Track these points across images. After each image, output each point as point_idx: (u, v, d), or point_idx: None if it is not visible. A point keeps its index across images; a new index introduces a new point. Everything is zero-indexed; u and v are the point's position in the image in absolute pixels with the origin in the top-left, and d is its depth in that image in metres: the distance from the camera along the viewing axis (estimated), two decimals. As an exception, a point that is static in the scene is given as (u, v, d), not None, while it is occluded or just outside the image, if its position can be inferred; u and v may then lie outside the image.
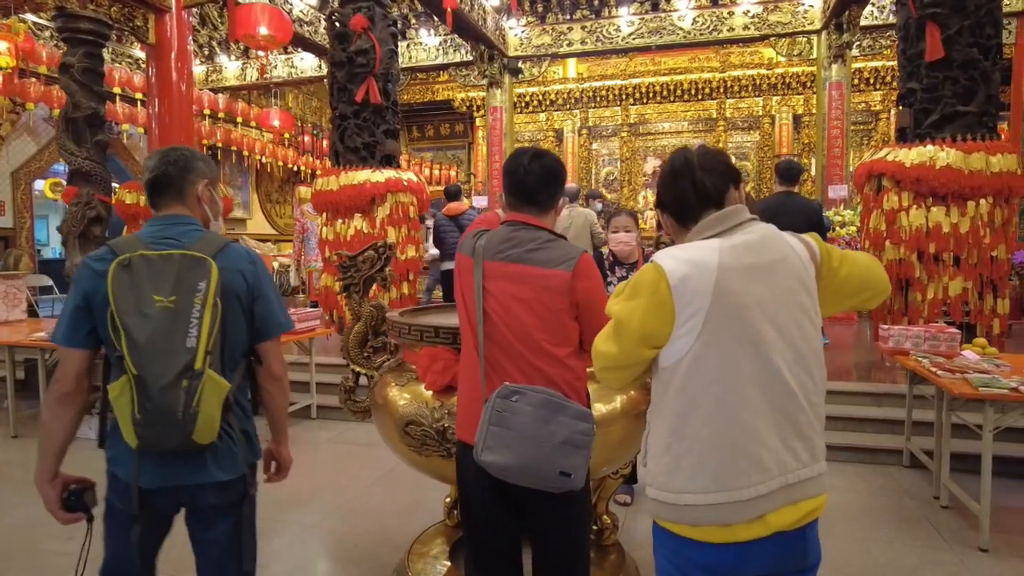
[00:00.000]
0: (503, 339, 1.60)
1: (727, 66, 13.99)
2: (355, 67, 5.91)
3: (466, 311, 1.70)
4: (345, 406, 2.74)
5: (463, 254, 1.73)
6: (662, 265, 1.20)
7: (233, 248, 1.60)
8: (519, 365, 1.59)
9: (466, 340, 1.72)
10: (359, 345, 2.69)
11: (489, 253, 1.65)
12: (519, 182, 1.69)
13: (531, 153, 1.70)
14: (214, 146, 11.80)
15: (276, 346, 1.68)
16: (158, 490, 1.52)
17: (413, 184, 6.03)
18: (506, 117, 10.50)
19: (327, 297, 6.00)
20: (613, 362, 1.29)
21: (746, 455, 1.17)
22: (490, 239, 1.68)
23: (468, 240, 1.75)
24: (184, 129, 7.26)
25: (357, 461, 4.07)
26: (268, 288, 1.64)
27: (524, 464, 1.47)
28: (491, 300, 1.62)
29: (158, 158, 1.62)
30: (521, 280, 1.61)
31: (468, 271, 1.69)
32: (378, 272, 2.67)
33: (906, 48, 4.87)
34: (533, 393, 1.51)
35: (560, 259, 1.60)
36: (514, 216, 1.71)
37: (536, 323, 1.59)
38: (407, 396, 2.15)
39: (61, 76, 5.97)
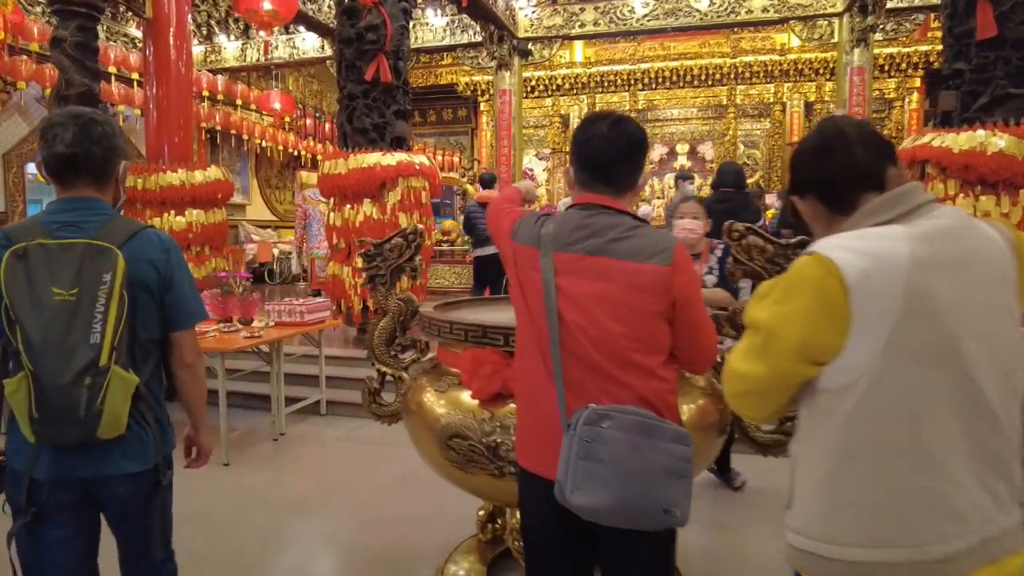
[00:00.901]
0: (581, 348, 1.33)
1: (738, 52, 13.67)
2: (364, 44, 5.58)
3: (528, 312, 1.42)
4: (369, 409, 2.49)
5: (522, 243, 1.45)
6: (831, 257, 0.93)
7: (145, 235, 1.51)
8: (601, 380, 1.32)
9: (526, 346, 1.45)
10: (385, 342, 2.42)
11: (560, 243, 1.38)
12: (594, 154, 1.41)
13: (610, 119, 1.41)
14: (213, 129, 11.45)
15: (189, 335, 1.62)
16: (56, 481, 1.45)
17: (425, 168, 5.73)
18: (515, 100, 10.17)
19: (335, 286, 5.72)
20: (759, 384, 1.03)
21: (939, 500, 0.91)
22: (560, 226, 1.41)
23: (527, 226, 1.47)
24: (183, 111, 6.94)
25: (371, 462, 3.82)
26: (182, 277, 1.57)
27: (624, 504, 1.21)
28: (565, 301, 1.35)
29: (75, 131, 1.45)
30: (603, 276, 1.34)
31: (531, 264, 1.41)
32: (407, 261, 2.40)
33: (953, 26, 4.58)
34: (624, 415, 1.25)
35: (652, 250, 1.33)
36: (588, 197, 1.43)
37: (623, 329, 1.32)
38: (447, 404, 1.89)
39: (52, 51, 5.63)
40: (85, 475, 1.46)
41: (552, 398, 1.36)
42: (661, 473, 1.21)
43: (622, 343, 1.32)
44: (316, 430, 4.46)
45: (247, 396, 4.94)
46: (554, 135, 14.31)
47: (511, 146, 10.28)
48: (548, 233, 1.40)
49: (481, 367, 1.79)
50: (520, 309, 1.46)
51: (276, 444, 4.14)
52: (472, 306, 2.59)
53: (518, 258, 1.46)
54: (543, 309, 1.37)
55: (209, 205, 6.62)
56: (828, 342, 0.94)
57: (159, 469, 1.55)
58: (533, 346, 1.41)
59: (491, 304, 2.65)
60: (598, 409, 1.25)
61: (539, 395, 1.39)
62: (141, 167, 6.55)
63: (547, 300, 1.36)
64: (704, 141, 14.20)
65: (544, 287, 1.36)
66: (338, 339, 5.99)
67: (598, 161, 1.42)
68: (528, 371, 1.44)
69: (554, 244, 1.38)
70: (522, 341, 1.47)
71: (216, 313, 4.42)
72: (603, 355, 1.32)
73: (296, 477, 3.61)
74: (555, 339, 1.34)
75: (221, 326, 4.22)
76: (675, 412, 1.38)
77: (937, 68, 12.58)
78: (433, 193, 5.97)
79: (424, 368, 2.16)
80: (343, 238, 5.65)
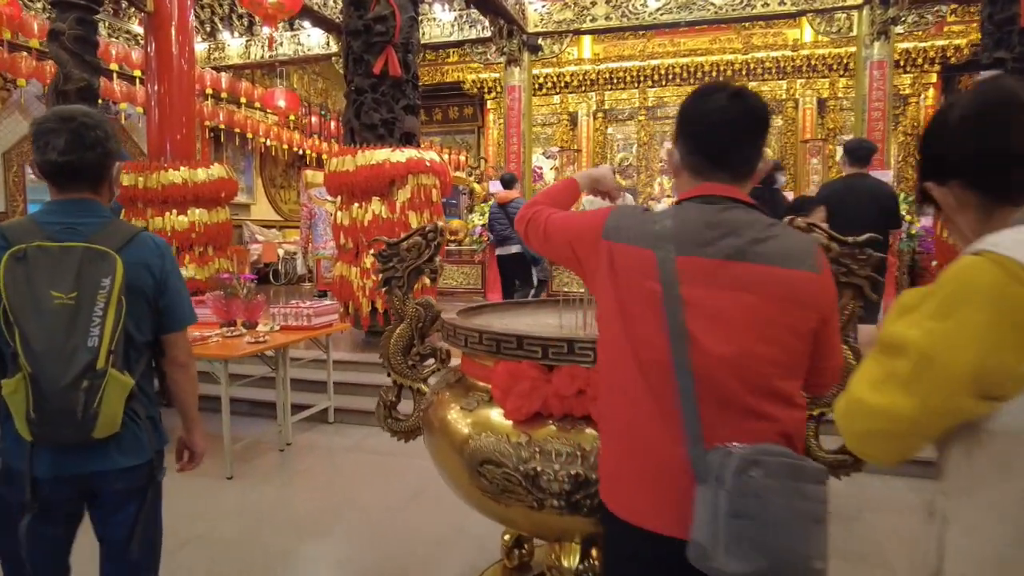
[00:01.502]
0: (715, 377, 1.09)
1: (750, 47, 13.44)
2: (372, 36, 5.37)
3: (630, 331, 1.16)
4: (384, 424, 2.28)
5: (624, 242, 1.19)
6: (1016, 258, 0.72)
7: (141, 239, 1.53)
8: (739, 414, 1.09)
9: (623, 372, 1.19)
10: (402, 351, 2.21)
11: (686, 244, 1.13)
12: (712, 133, 1.17)
13: (728, 90, 1.17)
14: (216, 128, 11.28)
15: (182, 337, 1.65)
16: (55, 479, 1.47)
17: (436, 165, 5.51)
18: (524, 97, 9.95)
19: (342, 287, 5.51)
20: (901, 424, 0.80)
21: None
22: (682, 222, 1.16)
23: (632, 220, 1.21)
24: (185, 108, 6.74)
25: (383, 475, 3.60)
26: (175, 282, 1.60)
27: (776, 565, 1.00)
28: (696, 317, 1.10)
29: (68, 138, 1.45)
30: (747, 287, 1.10)
31: (641, 270, 1.15)
32: (426, 262, 2.19)
33: (993, 13, 4.35)
34: (773, 459, 1.02)
35: (800, 253, 1.12)
36: (710, 187, 1.18)
37: (771, 352, 1.09)
38: (477, 424, 1.67)
39: (50, 44, 5.44)
40: (83, 472, 1.49)
41: (666, 439, 1.11)
42: (807, 522, 1.00)
43: (767, 369, 1.09)
44: (324, 439, 4.25)
45: (252, 403, 4.74)
46: (562, 133, 14.09)
47: (521, 144, 10.07)
48: (666, 231, 1.15)
49: (517, 383, 1.57)
50: (613, 327, 1.20)
51: (283, 455, 3.93)
52: (497, 311, 2.38)
53: (616, 261, 1.19)
54: (660, 327, 1.11)
55: (212, 204, 6.43)
56: (1012, 369, 0.72)
57: (153, 464, 1.58)
58: (634, 372, 1.15)
59: (518, 309, 2.43)
60: (745, 454, 1.02)
61: (647, 434, 1.15)
62: (142, 165, 6.36)
63: (670, 316, 1.10)
64: (714, 138, 13.97)
65: (664, 300, 1.11)
66: (346, 342, 5.79)
67: (717, 141, 1.17)
68: (627, 403, 1.18)
69: (677, 245, 1.13)
70: (615, 365, 1.21)
71: (219, 316, 4.22)
72: (743, 384, 1.08)
73: (304, 492, 3.40)
74: (683, 366, 1.09)
75: (224, 330, 4.01)
76: (804, 443, 1.17)
77: (954, 63, 12.34)
78: (444, 191, 5.75)
79: (447, 381, 1.95)
80: (351, 238, 5.44)
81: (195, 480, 3.53)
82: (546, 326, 2.09)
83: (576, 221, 1.35)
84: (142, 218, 6.17)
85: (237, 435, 3.90)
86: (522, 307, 2.48)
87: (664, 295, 1.11)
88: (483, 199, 11.95)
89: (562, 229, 1.36)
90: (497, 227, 6.45)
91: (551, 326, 2.09)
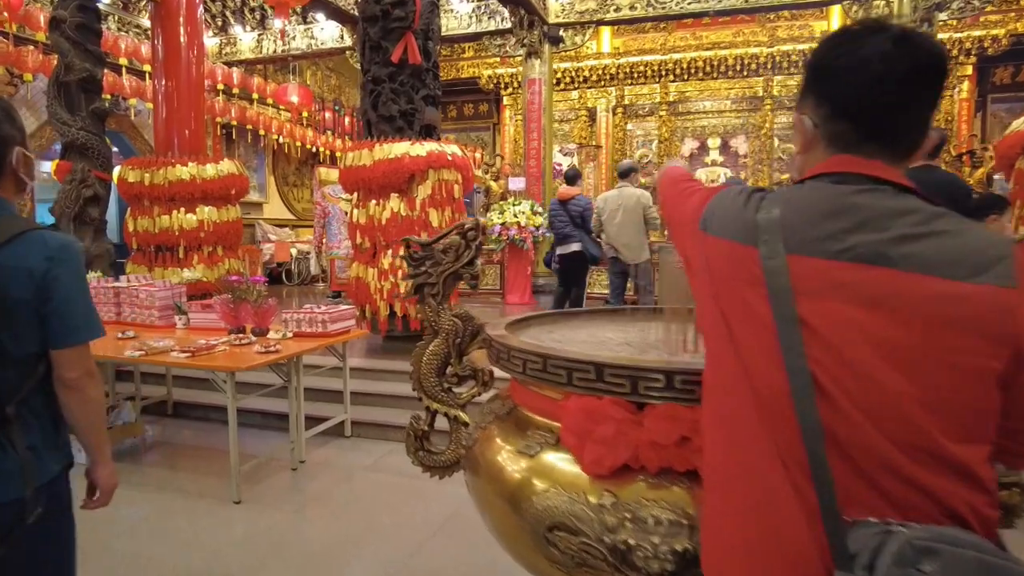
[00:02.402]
0: (848, 424, 0.77)
1: (775, 40, 13.02)
2: (391, 22, 5.03)
3: (738, 354, 0.87)
4: (415, 457, 1.94)
5: (720, 236, 0.91)
6: None
7: (27, 239, 1.32)
8: (886, 479, 0.76)
9: (733, 407, 0.88)
10: (436, 372, 1.86)
11: (801, 239, 0.82)
12: (869, 87, 0.84)
13: (891, 32, 0.83)
14: (228, 124, 11.01)
15: (71, 353, 1.40)
16: None
17: (458, 159, 5.17)
18: (545, 91, 9.59)
19: (358, 289, 5.18)
20: None
21: None
22: (797, 208, 0.85)
23: (730, 207, 0.93)
24: (194, 101, 6.46)
25: (406, 499, 3.26)
26: (67, 289, 1.37)
27: None
28: (816, 342, 0.79)
29: None
30: (886, 302, 0.77)
31: (742, 275, 0.86)
32: (466, 266, 1.83)
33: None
34: (955, 550, 0.67)
35: (981, 258, 0.76)
36: (847, 162, 0.87)
37: (925, 395, 0.75)
38: (541, 475, 1.31)
39: (51, 33, 5.17)
40: None
41: (792, 507, 0.80)
42: None
43: (924, 423, 0.75)
44: (340, 456, 3.91)
45: (263, 415, 4.42)
46: (580, 129, 13.73)
47: (541, 139, 9.71)
48: (773, 220, 0.84)
49: (598, 427, 1.21)
50: (721, 347, 0.90)
51: (295, 475, 3.60)
52: (545, 323, 2.02)
53: (712, 263, 0.92)
54: (773, 359, 0.81)
55: (222, 202, 6.13)
56: None
57: (26, 502, 1.31)
58: (748, 409, 0.85)
59: (569, 320, 2.08)
60: (914, 537, 0.68)
61: (765, 498, 0.83)
62: (148, 161, 6.07)
63: (785, 345, 0.80)
64: (737, 135, 13.54)
65: (775, 317, 0.81)
66: (361, 348, 5.46)
67: (875, 102, 0.84)
68: (738, 454, 0.87)
69: (788, 240, 0.82)
70: (724, 398, 0.91)
71: (227, 322, 3.90)
72: (890, 439, 0.75)
73: (319, 519, 3.06)
74: (805, 406, 0.78)
75: (232, 337, 3.69)
76: (996, 533, 0.80)
77: (991, 54, 11.84)
78: (466, 187, 5.40)
79: (495, 412, 1.59)
80: (368, 237, 5.11)
81: (198, 503, 3.22)
82: (609, 344, 1.73)
83: (681, 206, 1.06)
84: (148, 216, 5.88)
85: (245, 451, 3.57)
86: (573, 318, 2.12)
87: (775, 312, 0.81)
88: (500, 197, 11.61)
89: (676, 220, 1.09)
90: (557, 224, 6.14)
91: (615, 343, 1.73)
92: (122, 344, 3.60)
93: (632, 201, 5.49)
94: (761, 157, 13.05)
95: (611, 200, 5.59)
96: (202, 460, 3.92)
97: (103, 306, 4.32)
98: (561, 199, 6.21)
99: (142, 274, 5.67)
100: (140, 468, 3.72)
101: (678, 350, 1.60)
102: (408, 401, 4.37)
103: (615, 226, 5.51)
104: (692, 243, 0.99)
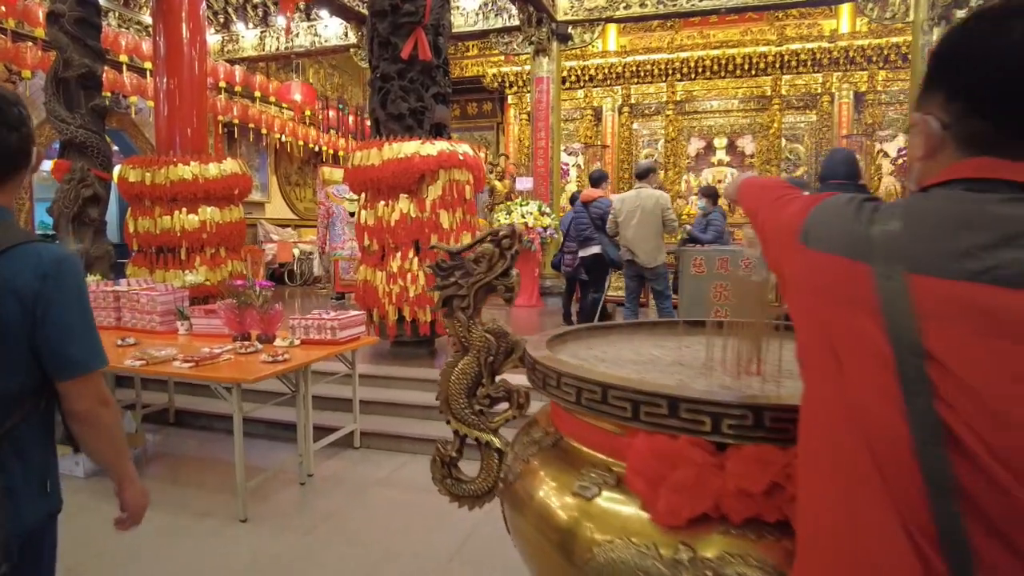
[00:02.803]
0: (989, 484, 0.63)
1: (783, 39, 12.85)
2: (401, 16, 4.87)
3: (846, 391, 0.72)
4: (442, 485, 1.78)
5: (825, 250, 0.77)
6: None
7: (19, 254, 1.17)
8: None
9: (841, 454, 0.73)
10: (467, 392, 1.70)
11: (928, 256, 0.68)
12: (1016, 75, 0.69)
13: None
14: (230, 123, 10.84)
15: (78, 385, 1.25)
16: None
17: (470, 159, 5.00)
18: (553, 89, 9.42)
19: (366, 293, 5.01)
20: None
21: None
22: (919, 220, 0.71)
23: (839, 216, 0.79)
24: (197, 99, 6.27)
25: (422, 517, 3.09)
26: (63, 313, 1.20)
27: None
28: (951, 385, 0.64)
29: None
30: None
31: (852, 297, 0.72)
32: (499, 277, 1.67)
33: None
34: None
35: None
36: (982, 165, 0.72)
37: None
38: (599, 520, 1.15)
39: (49, 28, 4.99)
40: None
41: (916, 566, 0.65)
42: None
43: None
44: (351, 470, 3.74)
45: (268, 424, 4.25)
46: (586, 129, 13.56)
47: (548, 138, 9.53)
48: (891, 234, 0.71)
49: (674, 471, 1.05)
50: (825, 380, 0.76)
51: (304, 490, 3.43)
52: (582, 337, 1.86)
53: (815, 280, 0.77)
54: (888, 392, 0.67)
55: (225, 202, 5.96)
56: None
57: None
58: (858, 456, 0.70)
59: (607, 334, 1.91)
60: None
61: (880, 552, 0.68)
62: (149, 160, 5.90)
63: (903, 376, 0.66)
64: (744, 135, 13.38)
65: (893, 349, 0.67)
66: (369, 353, 5.28)
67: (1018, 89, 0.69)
68: (843, 500, 0.73)
69: (910, 257, 0.69)
70: (827, 441, 0.76)
71: (232, 329, 3.74)
72: None
73: (332, 543, 2.88)
74: (931, 457, 0.64)
75: (237, 345, 3.52)
76: None
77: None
78: (476, 188, 5.24)
79: (538, 443, 1.43)
80: (376, 239, 4.94)
81: (202, 523, 3.05)
82: (659, 364, 1.56)
83: (777, 214, 0.93)
84: (149, 217, 5.71)
85: (251, 464, 3.41)
86: (610, 332, 1.96)
87: (893, 343, 0.67)
88: (504, 197, 11.44)
89: (770, 230, 0.94)
90: (580, 226, 6.05)
91: (665, 363, 1.57)
92: (122, 352, 3.43)
93: (651, 203, 5.32)
94: (769, 157, 12.89)
95: (628, 201, 5.41)
96: (206, 473, 3.75)
97: (102, 311, 4.16)
98: (584, 201, 6.11)
99: (143, 276, 5.50)
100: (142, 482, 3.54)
101: (741, 372, 1.43)
102: (419, 410, 4.21)
103: (632, 228, 5.34)
104: (789, 257, 0.85)
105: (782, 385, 1.35)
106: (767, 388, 1.35)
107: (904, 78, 11.91)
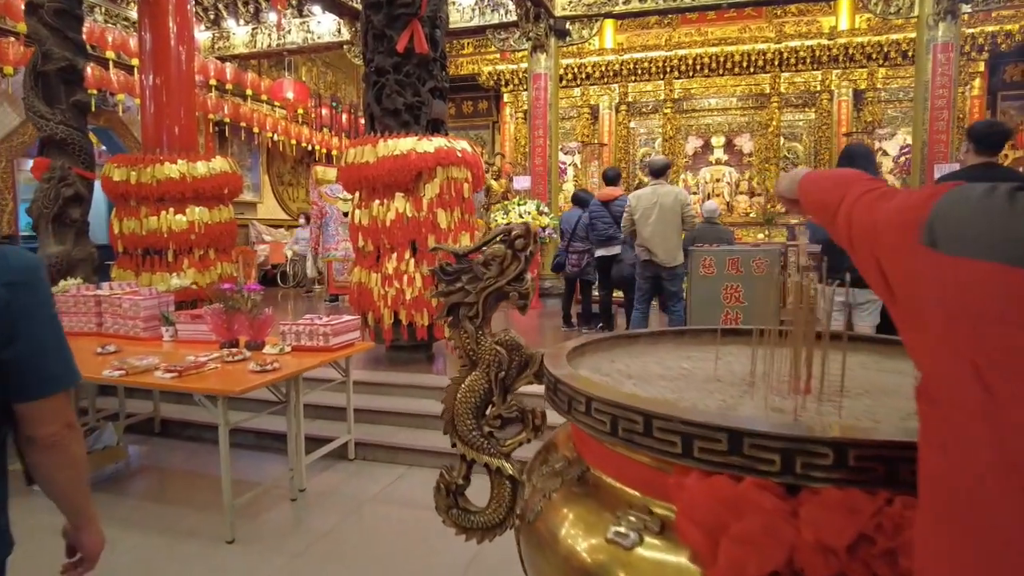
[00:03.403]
0: None
1: (782, 36, 12.73)
2: (396, 8, 4.68)
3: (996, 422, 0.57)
4: (447, 516, 1.59)
5: (973, 255, 0.60)
6: None
7: None
8: None
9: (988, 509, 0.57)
10: (474, 412, 1.52)
11: None
12: None
13: None
14: (221, 122, 10.62)
15: (43, 406, 1.09)
16: None
17: (468, 156, 4.82)
18: (551, 86, 9.24)
19: (361, 296, 4.82)
20: None
21: None
22: None
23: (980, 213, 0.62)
24: (184, 96, 6.07)
25: (422, 537, 2.89)
26: (36, 325, 1.06)
27: None
28: None
29: None
30: None
31: (1010, 311, 0.56)
32: (512, 282, 1.49)
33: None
34: None
35: None
36: None
37: None
38: (638, 572, 0.96)
39: (28, 19, 4.79)
40: None
41: None
42: None
43: None
44: (345, 484, 3.55)
45: (257, 434, 4.05)
46: (583, 127, 13.40)
47: (546, 136, 9.35)
48: None
49: (737, 518, 0.86)
50: (966, 414, 0.60)
51: (295, 506, 3.23)
52: (603, 348, 1.67)
53: (959, 294, 0.61)
54: None
55: (214, 202, 5.75)
56: None
57: None
58: (1013, 512, 0.56)
59: (630, 344, 1.73)
60: None
61: None
62: (135, 158, 5.69)
63: None
64: (742, 133, 13.25)
65: None
66: (363, 359, 5.10)
67: None
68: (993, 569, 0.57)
69: None
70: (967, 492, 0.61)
71: (219, 335, 3.54)
72: None
73: (324, 563, 2.69)
74: None
75: (224, 352, 3.33)
76: None
77: (1004, 49, 11.57)
78: (475, 186, 5.05)
79: (561, 475, 1.24)
80: (371, 239, 4.75)
81: (188, 545, 2.83)
82: (692, 379, 1.38)
83: (872, 210, 0.78)
84: (135, 217, 5.50)
85: (239, 478, 3.21)
86: (632, 342, 1.77)
87: None
88: (500, 197, 11.25)
89: (865, 229, 0.79)
90: (600, 226, 5.94)
91: (700, 379, 1.39)
92: (102, 361, 3.23)
93: (670, 199, 5.09)
94: (767, 156, 12.76)
95: (644, 198, 5.18)
96: (193, 489, 3.55)
97: (82, 316, 3.96)
98: (603, 200, 5.99)
99: (128, 279, 5.29)
100: (123, 500, 3.34)
101: (791, 391, 1.25)
102: (416, 419, 4.02)
103: (650, 226, 5.11)
104: (904, 262, 0.69)
105: (841, 407, 1.18)
106: (823, 409, 1.17)
107: (904, 75, 11.80)
